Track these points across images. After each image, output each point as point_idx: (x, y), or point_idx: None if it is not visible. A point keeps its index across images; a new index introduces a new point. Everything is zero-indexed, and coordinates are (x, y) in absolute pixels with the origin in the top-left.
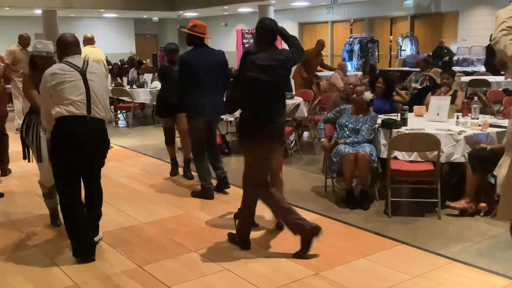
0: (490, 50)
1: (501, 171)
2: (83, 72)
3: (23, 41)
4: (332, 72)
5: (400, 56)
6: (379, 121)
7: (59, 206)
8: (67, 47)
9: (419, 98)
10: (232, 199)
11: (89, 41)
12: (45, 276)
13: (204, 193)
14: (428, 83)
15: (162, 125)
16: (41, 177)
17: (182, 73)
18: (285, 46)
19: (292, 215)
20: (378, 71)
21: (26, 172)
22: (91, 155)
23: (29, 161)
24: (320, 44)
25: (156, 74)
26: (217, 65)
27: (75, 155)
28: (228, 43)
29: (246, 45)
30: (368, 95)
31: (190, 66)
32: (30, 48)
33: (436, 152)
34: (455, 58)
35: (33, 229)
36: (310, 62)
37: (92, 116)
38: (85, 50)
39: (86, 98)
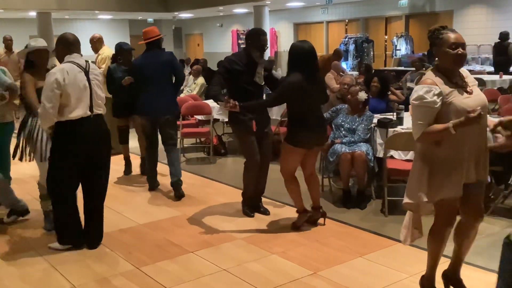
0: (498, 49)
1: None
2: (86, 72)
3: (6, 43)
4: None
5: (395, 55)
6: (375, 120)
7: None
8: (71, 44)
9: None
10: (230, 200)
11: (102, 39)
12: (43, 278)
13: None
14: None
15: (117, 125)
16: (41, 178)
17: (135, 76)
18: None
19: (252, 187)
20: (373, 71)
21: (22, 174)
22: (96, 151)
23: (21, 160)
24: (338, 54)
25: None
26: (162, 65)
27: (80, 153)
28: (224, 43)
29: (242, 46)
30: (362, 95)
31: (139, 69)
32: (16, 50)
33: None
34: None
35: (30, 232)
36: (326, 68)
37: (95, 113)
38: (107, 50)
39: (89, 98)
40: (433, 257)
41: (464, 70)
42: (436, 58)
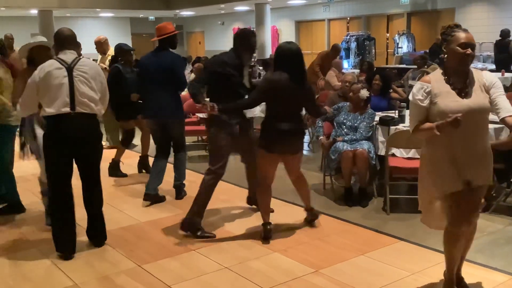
0: (499, 46)
1: None
2: (70, 68)
3: (8, 41)
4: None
5: (397, 53)
6: (377, 118)
7: None
8: (63, 40)
9: None
10: (231, 198)
11: (108, 41)
12: (44, 276)
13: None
14: None
15: (125, 128)
16: (41, 174)
17: (138, 76)
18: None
19: (203, 209)
20: (375, 69)
21: (24, 172)
22: (81, 152)
23: (23, 159)
24: (336, 50)
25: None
26: (163, 68)
27: (63, 152)
28: (225, 41)
29: None
30: (364, 92)
31: (141, 69)
32: (17, 48)
33: None
34: None
35: (32, 229)
36: (324, 65)
37: (77, 112)
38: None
39: (69, 95)
40: (447, 258)
41: (478, 71)
42: (445, 56)
